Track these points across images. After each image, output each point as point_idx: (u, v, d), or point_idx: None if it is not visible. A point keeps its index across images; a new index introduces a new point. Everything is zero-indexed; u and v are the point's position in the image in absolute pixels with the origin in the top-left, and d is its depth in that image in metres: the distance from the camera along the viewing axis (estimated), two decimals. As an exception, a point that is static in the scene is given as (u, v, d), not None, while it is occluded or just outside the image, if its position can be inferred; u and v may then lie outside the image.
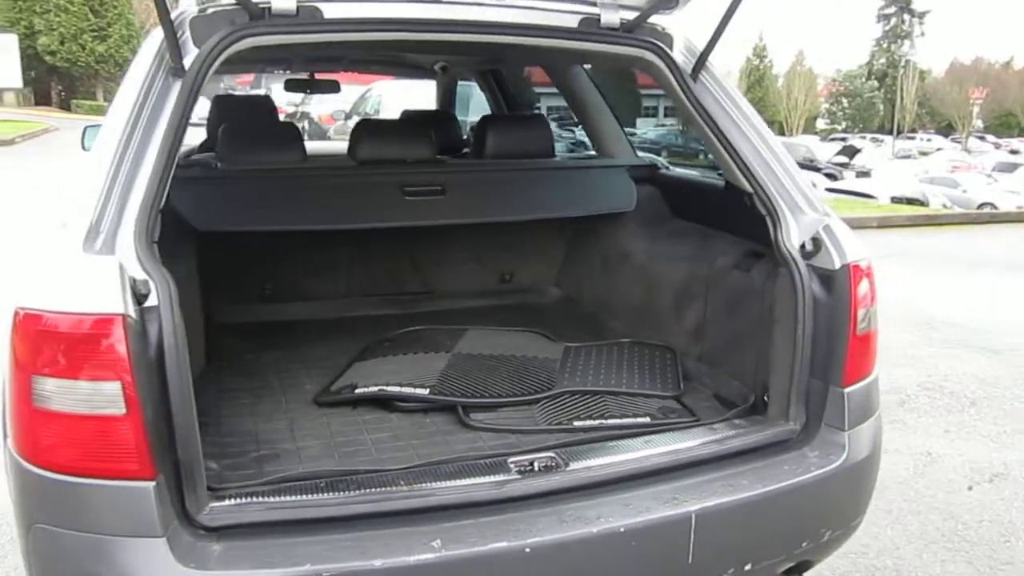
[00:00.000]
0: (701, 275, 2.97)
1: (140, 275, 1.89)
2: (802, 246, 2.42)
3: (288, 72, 5.59)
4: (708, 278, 2.94)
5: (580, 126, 4.16)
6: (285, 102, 14.43)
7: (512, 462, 2.19)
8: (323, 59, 5.18)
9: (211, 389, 2.77)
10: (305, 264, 3.64)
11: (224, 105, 4.62)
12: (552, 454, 2.23)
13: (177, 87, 2.12)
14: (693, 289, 3.02)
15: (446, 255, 3.83)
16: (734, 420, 2.49)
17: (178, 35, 2.15)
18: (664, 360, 3.03)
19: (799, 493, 2.22)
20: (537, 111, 5.32)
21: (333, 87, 5.83)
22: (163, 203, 2.07)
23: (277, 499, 1.98)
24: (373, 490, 2.04)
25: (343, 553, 1.84)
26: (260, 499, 1.98)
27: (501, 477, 2.11)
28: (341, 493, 2.02)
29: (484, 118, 3.70)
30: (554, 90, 4.18)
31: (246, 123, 3.83)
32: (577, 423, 2.55)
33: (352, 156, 3.39)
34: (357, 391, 2.72)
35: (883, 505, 3.67)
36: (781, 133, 42.84)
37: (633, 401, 2.70)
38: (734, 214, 2.66)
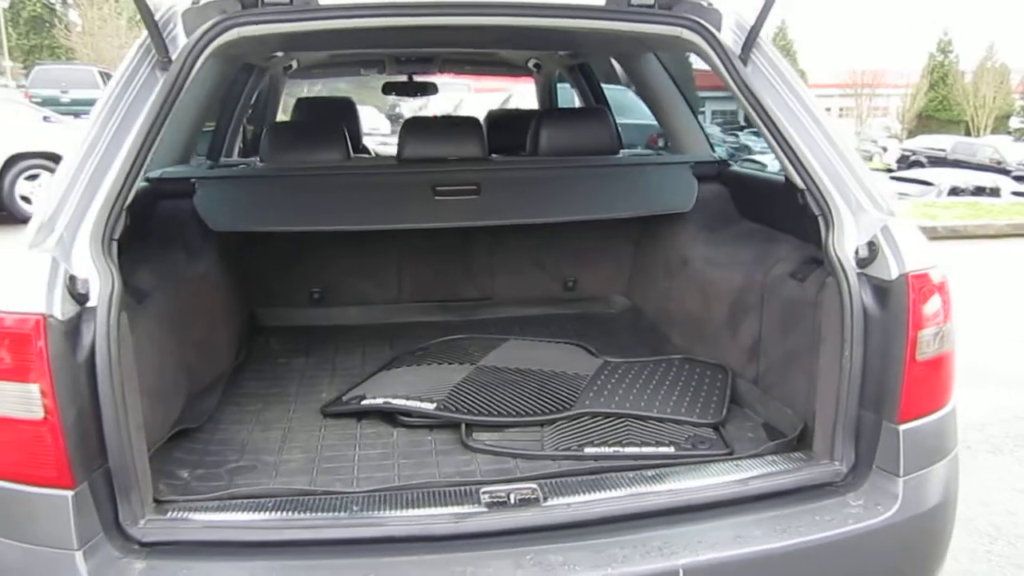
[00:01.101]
0: (756, 284, 2.58)
1: (83, 274, 1.81)
2: (856, 251, 2.01)
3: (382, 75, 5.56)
4: (764, 288, 2.55)
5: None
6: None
7: (486, 492, 1.93)
8: (417, 60, 5.11)
9: (225, 393, 2.69)
10: (353, 268, 3.53)
11: (304, 107, 4.65)
12: (534, 485, 1.95)
13: (162, 80, 2.03)
14: (748, 300, 2.63)
15: (502, 259, 3.61)
16: (772, 456, 2.11)
17: (170, 27, 2.07)
18: (713, 381, 2.66)
19: (828, 551, 1.83)
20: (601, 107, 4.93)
21: (430, 89, 5.76)
22: (128, 201, 1.98)
23: (216, 518, 1.84)
24: (321, 515, 1.85)
25: None
26: (199, 516, 1.84)
27: (466, 509, 1.87)
28: (286, 516, 1.84)
29: (539, 113, 3.46)
30: (721, 93, 3.79)
31: (294, 123, 3.79)
32: (589, 449, 2.25)
33: (397, 155, 3.27)
34: (363, 403, 2.55)
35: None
36: (967, 134, 39.14)
37: (661, 427, 2.37)
38: (798, 214, 2.28)
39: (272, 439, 2.38)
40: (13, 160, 10.43)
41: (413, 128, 3.29)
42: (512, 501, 1.89)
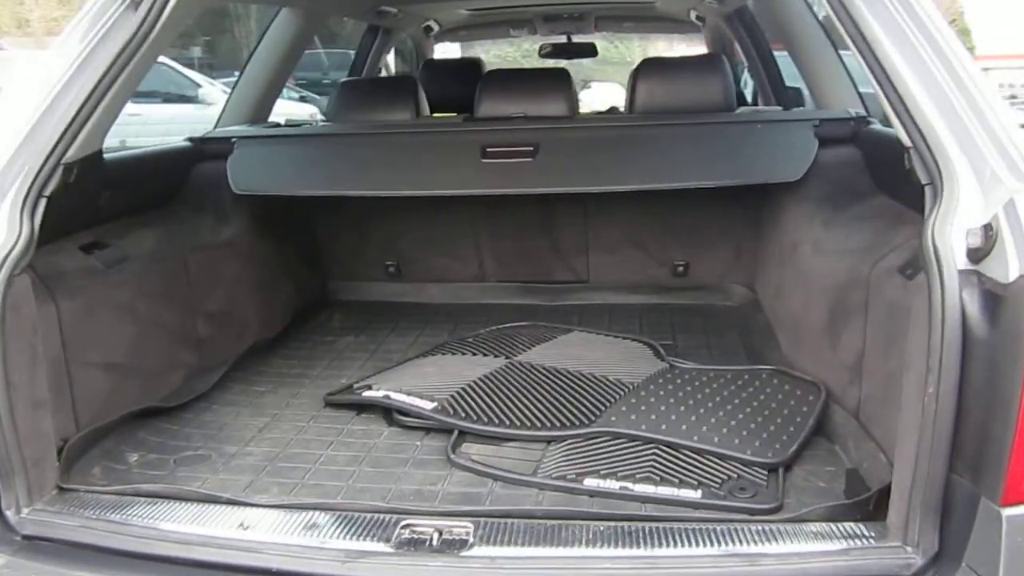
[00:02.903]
0: (861, 280, 1.89)
1: None
2: (967, 237, 1.34)
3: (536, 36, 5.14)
4: (869, 285, 1.86)
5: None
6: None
7: (406, 525, 1.52)
8: (569, 18, 4.67)
9: (242, 370, 2.48)
10: (429, 240, 3.19)
11: (429, 69, 4.38)
12: (469, 525, 1.50)
13: (132, 21, 1.80)
14: (851, 300, 1.94)
15: (594, 237, 3.08)
16: (824, 524, 1.49)
17: None
18: (799, 405, 2.01)
19: None
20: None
21: (588, 51, 5.25)
22: (69, 156, 1.77)
23: (96, 516, 1.59)
24: (203, 530, 1.54)
25: None
26: (80, 512, 1.61)
27: (366, 546, 1.47)
28: (167, 526, 1.55)
29: (640, 64, 2.87)
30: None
31: (362, 81, 3.49)
32: (589, 481, 1.74)
33: (471, 113, 2.88)
34: (365, 395, 2.21)
35: None
36: None
37: (696, 462, 1.80)
38: None
39: (250, 428, 2.11)
40: None
41: (490, 82, 2.87)
42: (433, 543, 1.46)
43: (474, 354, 2.46)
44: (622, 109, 3.59)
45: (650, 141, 2.52)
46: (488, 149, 2.52)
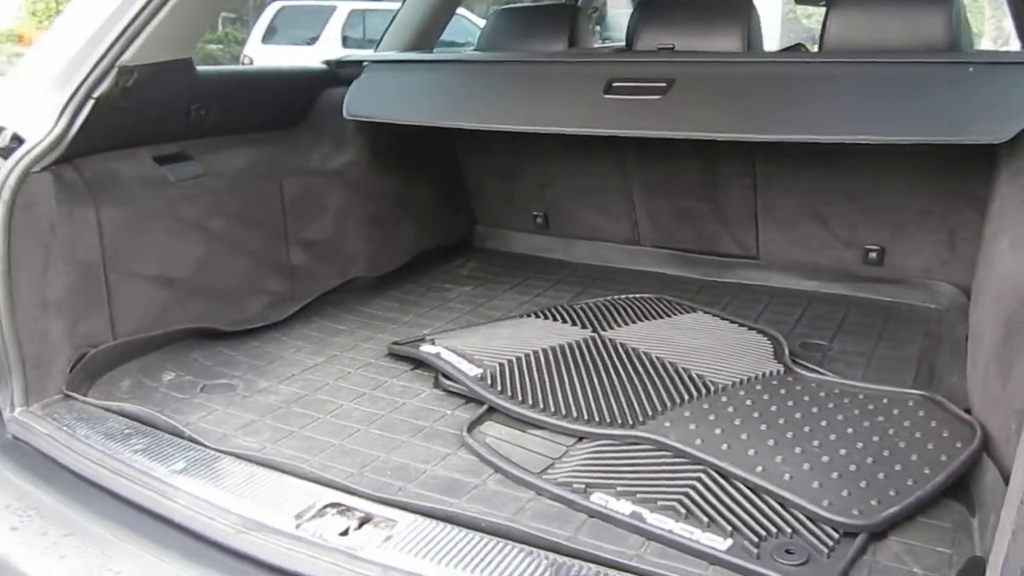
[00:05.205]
0: None
1: (12, 126, 1.63)
2: None
3: None
4: None
5: None
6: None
7: (335, 504, 1.29)
8: None
9: (330, 304, 2.36)
10: (577, 191, 2.83)
11: None
12: (395, 521, 1.23)
13: None
14: None
15: (765, 205, 2.53)
16: None
17: None
18: (936, 452, 1.45)
19: None
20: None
21: None
22: (126, 57, 1.73)
23: (64, 429, 1.54)
24: (156, 466, 1.42)
25: (30, 529, 1.32)
26: (55, 422, 1.56)
27: (271, 518, 1.26)
28: (128, 455, 1.45)
29: None
30: None
31: (516, 9, 3.15)
32: (598, 496, 1.37)
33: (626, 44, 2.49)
34: (421, 348, 1.99)
35: None
36: None
37: (749, 501, 1.34)
38: None
39: (298, 365, 1.97)
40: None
41: (648, 9, 2.44)
42: (341, 532, 1.22)
43: (564, 321, 2.12)
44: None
45: (802, 82, 1.97)
46: (614, 84, 2.12)
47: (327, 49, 10.18)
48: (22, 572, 1.23)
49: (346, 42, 11.43)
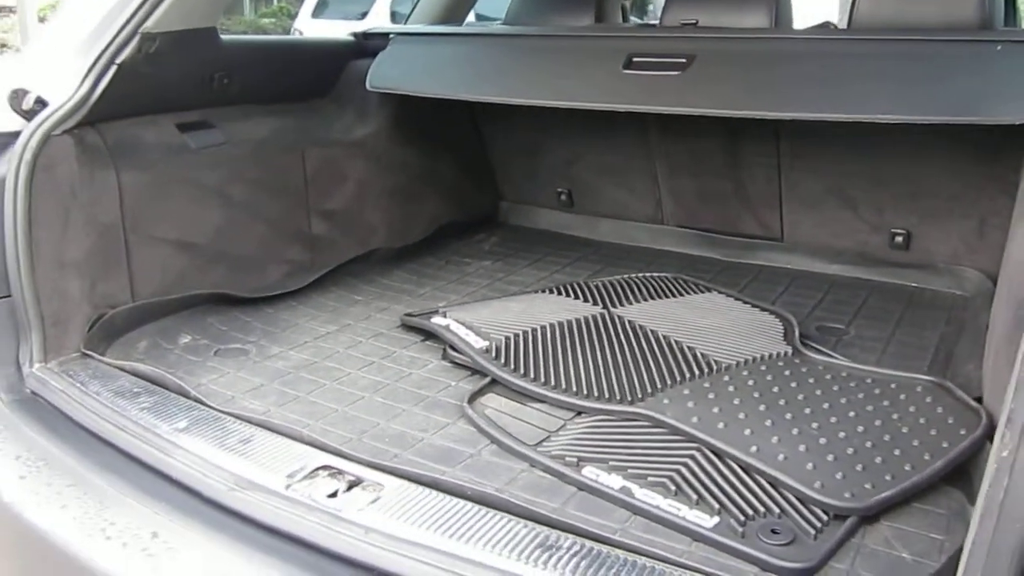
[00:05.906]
0: None
1: (36, 89, 1.67)
2: None
3: None
4: None
5: None
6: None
7: (326, 467, 1.31)
8: None
9: (349, 274, 2.38)
10: (602, 168, 2.81)
11: None
12: (382, 485, 1.25)
13: None
14: None
15: (789, 186, 2.48)
16: None
17: None
18: (939, 438, 1.42)
19: None
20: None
21: None
22: (149, 23, 1.76)
23: (78, 386, 1.59)
24: (161, 424, 1.46)
25: (36, 479, 1.38)
26: (70, 379, 1.62)
27: (265, 478, 1.29)
28: (134, 413, 1.50)
29: None
30: None
31: None
32: (589, 470, 1.37)
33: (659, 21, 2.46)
34: (432, 320, 2.00)
35: None
36: None
37: (740, 481, 1.34)
38: None
39: (311, 333, 2.00)
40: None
41: None
42: (331, 494, 1.25)
43: (576, 297, 2.12)
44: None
45: (826, 60, 1.92)
46: (634, 59, 2.10)
47: (377, 24, 10.25)
48: (26, 518, 1.28)
49: (394, 17, 11.43)
